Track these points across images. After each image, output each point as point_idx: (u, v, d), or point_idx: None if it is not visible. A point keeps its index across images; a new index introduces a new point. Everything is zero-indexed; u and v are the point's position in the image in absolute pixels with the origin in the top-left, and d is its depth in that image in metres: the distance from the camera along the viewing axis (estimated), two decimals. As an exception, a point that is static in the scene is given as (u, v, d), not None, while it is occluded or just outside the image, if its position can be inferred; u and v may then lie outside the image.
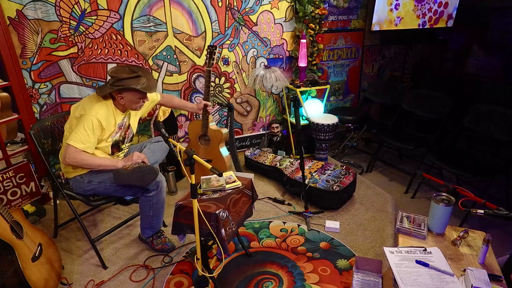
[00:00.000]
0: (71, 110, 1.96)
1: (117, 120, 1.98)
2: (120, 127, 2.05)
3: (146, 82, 1.91)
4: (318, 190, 2.57)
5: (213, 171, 1.51)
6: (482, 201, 1.80)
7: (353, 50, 3.88)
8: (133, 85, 1.86)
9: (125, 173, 1.90)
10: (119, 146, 2.09)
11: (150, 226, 2.13)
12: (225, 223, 1.70)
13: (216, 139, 2.64)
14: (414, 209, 2.69)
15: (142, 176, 1.90)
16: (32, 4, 2.39)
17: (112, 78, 1.89)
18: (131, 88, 1.88)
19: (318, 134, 3.12)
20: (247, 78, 3.33)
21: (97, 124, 1.86)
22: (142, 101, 1.99)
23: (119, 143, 2.08)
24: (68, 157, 1.82)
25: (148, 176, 1.92)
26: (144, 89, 1.90)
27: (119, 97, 1.92)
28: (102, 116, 1.88)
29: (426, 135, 3.08)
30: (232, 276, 1.97)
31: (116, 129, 1.99)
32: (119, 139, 2.07)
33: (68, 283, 1.94)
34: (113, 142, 2.02)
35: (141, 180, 1.91)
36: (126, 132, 2.12)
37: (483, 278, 1.29)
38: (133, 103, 1.96)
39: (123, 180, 1.91)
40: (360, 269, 1.72)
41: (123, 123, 2.05)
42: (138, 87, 1.87)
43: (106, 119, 1.91)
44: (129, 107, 2.00)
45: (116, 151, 2.09)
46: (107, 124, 1.92)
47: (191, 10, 2.88)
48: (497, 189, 2.75)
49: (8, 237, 1.59)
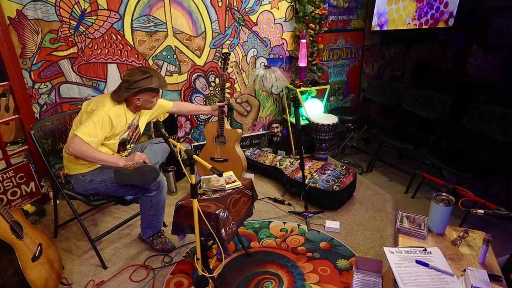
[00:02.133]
0: (83, 106, 1.99)
1: (128, 120, 2.03)
2: (130, 127, 2.07)
3: (158, 80, 1.97)
4: (318, 190, 2.57)
5: (213, 171, 1.51)
6: (482, 201, 1.81)
7: (353, 50, 3.88)
8: (149, 85, 1.92)
9: (126, 173, 1.90)
10: (125, 145, 2.11)
11: (150, 225, 2.13)
12: (225, 223, 1.70)
13: (232, 139, 2.72)
14: (414, 209, 2.69)
15: (143, 176, 1.90)
16: (32, 4, 2.39)
17: (127, 82, 1.92)
18: (147, 88, 1.93)
19: (318, 134, 3.12)
20: (247, 78, 3.33)
21: (108, 120, 1.89)
22: (156, 99, 2.07)
23: (125, 142, 2.10)
24: (72, 147, 1.80)
25: (150, 176, 1.92)
26: (159, 86, 1.96)
27: (136, 99, 1.97)
28: (113, 114, 1.92)
29: (426, 135, 3.08)
30: (232, 276, 1.97)
31: (125, 128, 2.03)
32: (126, 138, 2.09)
33: (68, 283, 1.94)
34: (121, 140, 2.04)
35: (142, 180, 1.91)
36: (134, 132, 2.14)
37: (483, 278, 1.29)
38: (148, 102, 2.02)
39: (124, 180, 1.91)
40: (360, 269, 1.72)
41: (133, 123, 2.09)
42: (153, 86, 1.93)
43: (117, 118, 1.95)
44: (144, 107, 2.05)
45: (122, 150, 2.10)
46: (118, 122, 1.95)
47: (191, 10, 2.88)
48: (497, 189, 2.75)
49: (8, 237, 1.59)
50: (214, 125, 2.73)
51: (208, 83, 3.18)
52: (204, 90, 3.19)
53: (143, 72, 1.95)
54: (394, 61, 4.26)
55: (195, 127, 3.29)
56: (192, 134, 3.30)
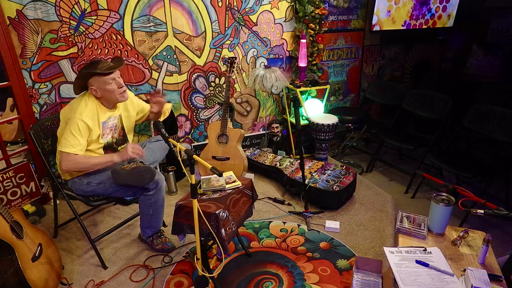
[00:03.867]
0: (61, 115, 1.96)
1: (100, 118, 1.96)
2: (111, 129, 2.04)
3: (107, 65, 1.91)
4: (318, 190, 2.57)
5: (213, 171, 1.51)
6: (482, 201, 1.81)
7: (353, 50, 3.88)
8: (90, 70, 1.88)
9: (123, 173, 1.91)
10: (114, 148, 2.10)
11: (150, 225, 2.13)
12: (225, 223, 1.70)
13: (234, 138, 2.77)
14: (414, 209, 2.69)
15: (139, 177, 1.91)
16: (32, 4, 2.39)
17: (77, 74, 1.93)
18: (89, 73, 1.88)
19: (318, 134, 3.12)
20: (247, 78, 3.33)
21: (84, 125, 1.86)
22: (114, 84, 1.92)
23: (112, 145, 2.08)
24: (64, 164, 1.84)
25: (146, 177, 1.93)
26: (104, 70, 1.88)
27: (92, 89, 1.91)
28: (87, 116, 1.88)
29: (426, 135, 3.08)
30: (232, 276, 1.97)
31: (102, 131, 1.98)
32: (111, 141, 2.07)
33: (68, 283, 1.93)
34: (106, 144, 2.03)
35: (139, 181, 1.92)
36: (120, 134, 2.13)
37: (483, 278, 1.29)
38: (105, 91, 1.92)
39: (121, 180, 1.92)
40: (360, 269, 1.72)
41: (112, 124, 2.04)
42: (96, 71, 1.87)
43: (92, 119, 1.91)
44: (109, 97, 1.95)
45: (110, 152, 2.08)
46: (94, 124, 1.92)
47: (191, 10, 2.88)
48: (497, 189, 2.75)
49: (8, 237, 1.59)
50: (217, 124, 2.78)
51: (208, 83, 3.18)
52: (204, 90, 3.19)
53: (91, 62, 1.93)
54: (394, 61, 4.26)
55: (195, 127, 3.29)
56: (192, 134, 3.30)
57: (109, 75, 1.90)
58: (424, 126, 3.43)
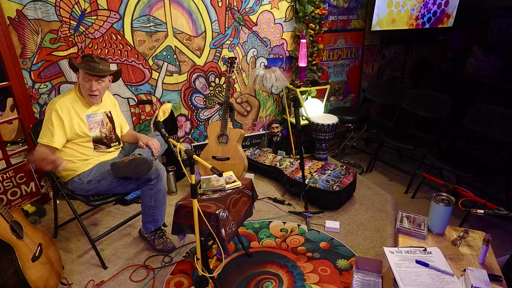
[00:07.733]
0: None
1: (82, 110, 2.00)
2: (98, 123, 2.07)
3: (94, 66, 1.93)
4: (318, 190, 2.57)
5: (213, 171, 1.51)
6: (482, 201, 1.80)
7: (353, 50, 3.88)
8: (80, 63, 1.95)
9: (121, 166, 1.93)
10: (105, 143, 2.12)
11: (152, 219, 2.13)
12: (225, 223, 1.70)
13: (235, 138, 2.77)
14: (414, 209, 2.69)
15: (137, 168, 1.93)
16: (32, 4, 2.39)
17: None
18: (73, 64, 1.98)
19: (318, 134, 3.12)
20: (247, 78, 3.33)
21: (55, 115, 1.90)
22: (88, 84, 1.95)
23: (102, 139, 2.10)
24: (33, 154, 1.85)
25: (143, 168, 1.94)
26: (87, 70, 1.91)
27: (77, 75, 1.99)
28: (59, 106, 1.92)
29: (426, 135, 3.08)
30: (232, 276, 1.97)
31: (89, 125, 2.02)
32: (100, 135, 2.09)
33: (68, 283, 1.94)
34: (94, 138, 2.05)
35: (137, 172, 1.94)
36: (111, 132, 2.15)
37: (483, 278, 1.29)
38: (82, 86, 1.97)
39: (120, 173, 1.94)
40: (360, 269, 1.72)
41: (99, 119, 2.08)
42: (82, 66, 1.92)
43: (68, 109, 1.94)
44: (83, 92, 1.99)
45: (103, 147, 2.11)
46: (69, 114, 1.94)
47: (191, 10, 2.88)
48: (497, 189, 2.75)
49: (8, 237, 1.59)
50: (217, 124, 2.79)
51: (208, 83, 3.18)
52: (204, 90, 3.19)
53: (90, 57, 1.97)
54: (394, 61, 4.26)
55: (195, 127, 3.29)
56: (192, 134, 3.30)
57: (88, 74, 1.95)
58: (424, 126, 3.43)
